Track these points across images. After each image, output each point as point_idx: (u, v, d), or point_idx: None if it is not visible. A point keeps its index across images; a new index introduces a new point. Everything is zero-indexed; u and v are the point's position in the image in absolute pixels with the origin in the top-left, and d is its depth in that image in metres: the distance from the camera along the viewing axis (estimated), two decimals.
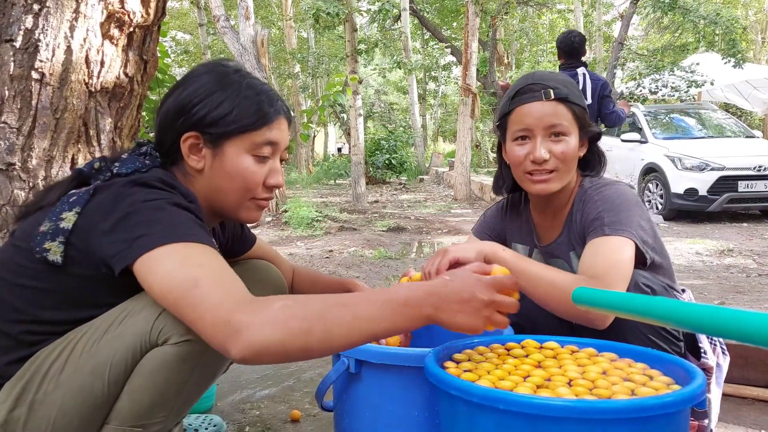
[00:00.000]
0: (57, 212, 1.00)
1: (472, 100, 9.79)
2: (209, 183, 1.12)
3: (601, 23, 17.19)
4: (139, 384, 0.97)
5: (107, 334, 0.97)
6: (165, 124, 1.13)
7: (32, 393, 0.96)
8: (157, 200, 0.98)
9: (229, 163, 1.10)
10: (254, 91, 1.12)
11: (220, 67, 1.15)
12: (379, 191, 12.56)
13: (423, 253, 5.40)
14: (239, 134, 1.10)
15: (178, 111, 1.11)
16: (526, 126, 1.36)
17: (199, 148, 1.11)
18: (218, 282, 0.90)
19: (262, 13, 20.09)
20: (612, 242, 1.25)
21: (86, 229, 0.98)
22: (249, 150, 1.11)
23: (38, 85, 1.45)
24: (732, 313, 0.63)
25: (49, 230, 0.99)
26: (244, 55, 7.75)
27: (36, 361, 0.98)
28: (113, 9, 1.54)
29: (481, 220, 1.65)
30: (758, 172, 6.78)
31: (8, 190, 1.43)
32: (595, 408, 0.80)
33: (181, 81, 1.16)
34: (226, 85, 1.11)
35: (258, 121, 1.11)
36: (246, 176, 1.11)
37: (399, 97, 29.37)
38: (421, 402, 1.13)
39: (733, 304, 3.22)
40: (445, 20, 19.92)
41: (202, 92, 1.10)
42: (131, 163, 1.09)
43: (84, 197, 1.01)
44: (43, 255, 0.98)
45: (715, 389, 1.36)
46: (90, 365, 0.96)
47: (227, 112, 1.09)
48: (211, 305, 0.87)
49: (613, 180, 1.44)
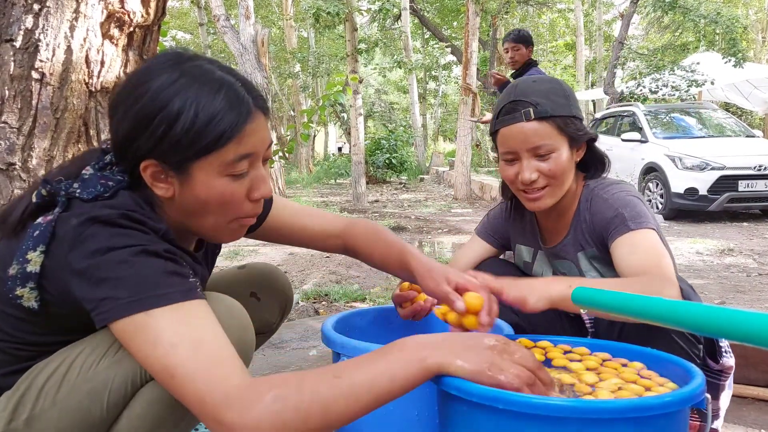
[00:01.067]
0: (23, 251, 0.89)
1: (473, 100, 9.79)
2: (181, 209, 0.97)
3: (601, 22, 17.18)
4: (139, 413, 0.93)
5: (106, 358, 0.92)
6: (120, 147, 0.94)
7: (29, 408, 0.92)
8: (120, 249, 0.85)
9: (200, 189, 0.93)
10: (211, 98, 0.90)
11: (176, 58, 0.95)
12: (380, 191, 12.57)
13: (423, 252, 5.40)
14: (204, 156, 0.91)
15: (131, 132, 0.92)
16: (511, 149, 1.34)
17: (164, 175, 0.93)
18: (196, 369, 0.80)
19: (263, 12, 20.08)
20: (641, 235, 1.26)
21: (55, 269, 0.88)
22: (221, 172, 0.93)
23: (38, 85, 1.45)
24: (733, 314, 0.63)
25: (18, 274, 0.89)
26: (244, 55, 7.75)
27: (30, 376, 0.95)
28: (113, 9, 1.54)
29: (485, 221, 1.64)
30: (758, 172, 6.79)
31: (8, 189, 1.43)
32: (595, 408, 0.80)
33: (133, 83, 0.94)
34: (183, 88, 0.90)
35: (223, 137, 0.90)
36: (223, 199, 0.95)
37: (399, 97, 29.39)
38: (421, 402, 1.13)
39: (733, 303, 3.22)
40: (445, 20, 19.93)
41: (156, 104, 0.90)
42: (92, 185, 0.93)
43: (46, 233, 0.89)
44: (17, 302, 0.90)
45: (727, 390, 1.34)
46: (87, 387, 0.92)
47: (185, 130, 0.89)
48: (195, 400, 0.79)
49: (618, 180, 1.44)
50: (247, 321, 1.03)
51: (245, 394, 0.78)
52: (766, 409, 1.74)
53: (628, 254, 1.26)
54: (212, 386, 0.79)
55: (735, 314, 0.63)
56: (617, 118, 8.93)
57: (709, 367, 1.29)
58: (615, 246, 1.29)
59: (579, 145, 1.38)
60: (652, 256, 1.23)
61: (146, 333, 0.82)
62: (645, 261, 1.23)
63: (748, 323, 0.61)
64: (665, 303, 0.76)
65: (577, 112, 1.37)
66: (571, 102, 1.36)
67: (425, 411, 1.13)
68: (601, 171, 1.44)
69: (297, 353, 2.32)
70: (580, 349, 1.08)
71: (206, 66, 0.95)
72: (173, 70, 0.92)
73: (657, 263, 1.21)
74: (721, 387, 1.31)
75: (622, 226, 1.28)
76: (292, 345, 2.41)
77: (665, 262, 1.22)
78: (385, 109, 27.55)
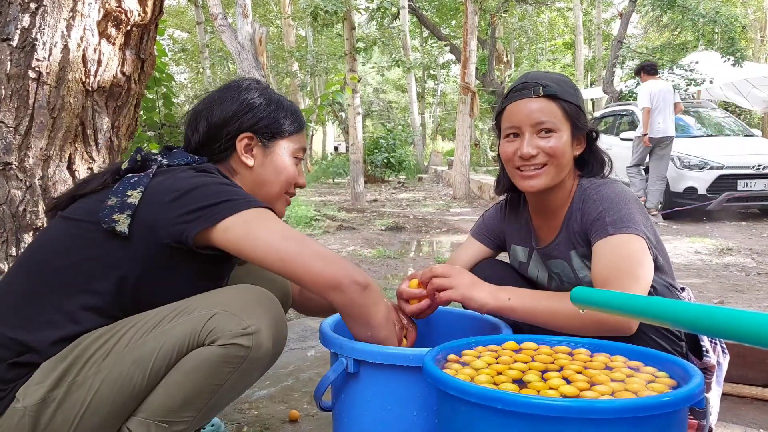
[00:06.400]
0: (121, 190, 1.07)
1: (471, 99, 9.78)
2: (255, 177, 1.26)
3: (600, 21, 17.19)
4: (176, 380, 1.01)
5: (156, 329, 1.02)
6: (217, 126, 1.25)
7: (73, 375, 1.00)
8: (222, 182, 1.10)
9: (279, 160, 1.28)
10: (290, 104, 1.33)
11: (257, 81, 1.34)
12: (378, 190, 12.56)
13: (422, 252, 5.39)
14: (288, 136, 1.30)
15: (233, 115, 1.25)
16: (514, 123, 1.36)
17: (251, 148, 1.26)
18: (318, 249, 1.06)
19: (260, 11, 20.07)
20: (619, 240, 1.25)
21: (152, 204, 1.06)
22: (291, 152, 1.30)
23: (35, 84, 1.44)
24: (731, 313, 0.63)
25: (117, 204, 1.05)
26: (242, 54, 7.74)
27: (80, 345, 1.01)
28: (110, 8, 1.54)
29: (480, 221, 1.64)
30: (757, 171, 6.78)
31: (5, 189, 1.43)
32: (594, 408, 0.80)
33: (227, 92, 1.29)
34: (271, 98, 1.30)
35: (300, 129, 1.33)
36: (289, 172, 1.29)
37: (398, 96, 29.38)
38: (419, 402, 1.13)
39: (732, 303, 3.22)
40: (444, 18, 19.93)
41: (253, 99, 1.27)
42: (182, 157, 1.20)
43: (145, 179, 1.09)
44: (112, 225, 1.04)
45: (715, 388, 1.35)
46: (134, 356, 1.00)
47: (279, 117, 1.28)
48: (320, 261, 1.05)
49: (611, 179, 1.42)
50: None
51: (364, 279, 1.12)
52: (764, 408, 1.74)
53: (600, 259, 1.26)
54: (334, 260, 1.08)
55: (733, 314, 0.62)
56: (616, 117, 8.93)
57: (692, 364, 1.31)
58: (593, 249, 1.29)
59: (580, 136, 1.39)
60: (626, 263, 1.21)
61: (268, 219, 1.07)
62: (615, 267, 1.22)
63: (747, 323, 0.60)
64: (665, 303, 0.76)
65: (583, 107, 1.40)
66: (579, 96, 1.40)
67: (423, 411, 1.13)
68: (599, 170, 1.43)
69: (295, 353, 2.32)
70: (580, 350, 1.08)
71: (273, 90, 1.35)
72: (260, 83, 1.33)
73: (628, 270, 1.20)
74: (708, 384, 1.32)
75: (602, 230, 1.28)
76: (291, 345, 2.41)
77: (638, 271, 1.20)
78: (383, 108, 27.56)
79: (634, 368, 0.99)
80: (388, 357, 1.13)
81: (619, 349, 1.07)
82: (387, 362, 1.13)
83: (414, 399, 1.13)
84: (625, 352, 1.06)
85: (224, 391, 1.05)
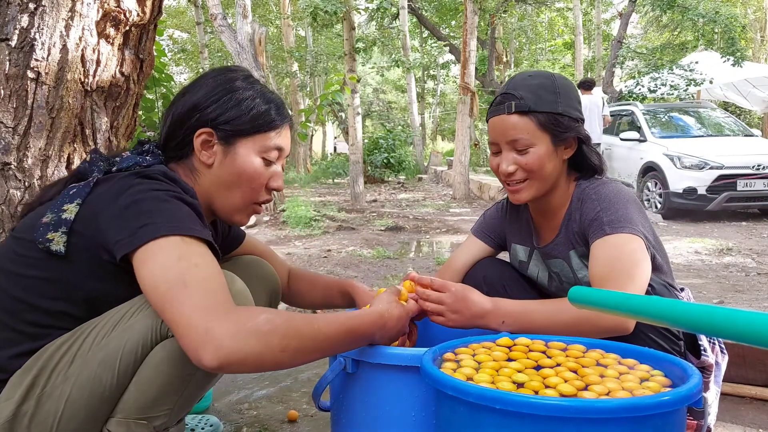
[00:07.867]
0: (58, 204, 1.02)
1: (471, 99, 9.78)
2: (215, 179, 1.16)
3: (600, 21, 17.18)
4: (146, 375, 0.99)
5: (118, 327, 0.99)
6: (178, 120, 1.16)
7: (40, 387, 0.97)
8: (161, 191, 1.01)
9: (239, 161, 1.15)
10: (266, 98, 1.20)
11: (232, 72, 1.21)
12: (378, 190, 12.56)
13: (422, 252, 5.39)
14: (252, 134, 1.16)
15: (193, 108, 1.15)
16: (493, 139, 1.39)
17: (211, 145, 1.15)
18: (209, 288, 0.91)
19: (260, 11, 20.06)
20: (616, 240, 1.24)
21: (90, 216, 1.00)
22: (258, 152, 1.17)
23: (34, 84, 1.44)
24: (730, 313, 0.63)
25: (52, 221, 1.01)
26: (241, 54, 7.74)
27: (44, 355, 0.99)
28: (109, 8, 1.53)
29: (481, 220, 1.64)
30: (757, 171, 6.79)
31: (4, 189, 1.42)
32: (592, 407, 0.80)
33: (195, 82, 1.21)
34: (241, 89, 1.17)
35: (270, 125, 1.18)
36: (253, 176, 1.17)
37: (397, 96, 29.37)
38: (418, 402, 1.13)
39: (732, 303, 3.22)
40: (443, 18, 19.91)
41: (218, 92, 1.16)
42: (131, 160, 1.12)
43: (84, 189, 1.04)
44: (46, 245, 0.99)
45: (714, 387, 1.35)
46: (99, 357, 0.97)
47: (243, 112, 1.15)
48: (200, 307, 0.89)
49: (610, 179, 1.42)
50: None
51: (243, 311, 0.92)
52: (764, 408, 1.74)
53: (596, 258, 1.26)
54: (218, 300, 0.91)
55: (733, 314, 0.62)
56: (616, 117, 8.93)
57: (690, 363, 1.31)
58: (591, 249, 1.29)
59: (565, 143, 1.36)
60: (622, 263, 1.21)
61: (176, 249, 0.94)
62: (612, 267, 1.22)
63: (747, 323, 0.60)
64: (662, 302, 0.76)
65: (568, 109, 1.34)
66: (561, 99, 1.33)
67: (422, 412, 1.13)
68: (592, 173, 1.41)
69: None
70: (576, 346, 1.08)
71: (254, 79, 1.23)
72: (234, 73, 1.21)
73: (625, 270, 1.20)
74: (706, 384, 1.32)
75: (599, 229, 1.28)
76: None
77: (635, 270, 1.20)
78: (383, 108, 27.57)
79: (629, 366, 0.99)
80: (387, 357, 1.12)
81: (614, 347, 1.07)
82: (385, 362, 1.12)
83: (413, 399, 1.13)
84: (621, 350, 1.06)
85: (197, 380, 1.03)
